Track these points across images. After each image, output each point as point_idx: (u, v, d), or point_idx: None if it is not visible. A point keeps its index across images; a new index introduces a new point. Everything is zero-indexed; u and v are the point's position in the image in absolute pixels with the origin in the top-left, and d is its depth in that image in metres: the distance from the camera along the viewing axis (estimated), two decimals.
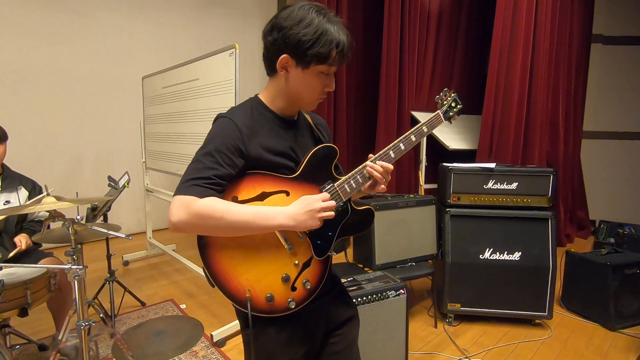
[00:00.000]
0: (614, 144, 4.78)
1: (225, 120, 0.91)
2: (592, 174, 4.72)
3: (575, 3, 4.03)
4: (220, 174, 0.86)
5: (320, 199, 0.91)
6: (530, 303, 2.28)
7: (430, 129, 1.11)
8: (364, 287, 1.75)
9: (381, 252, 2.26)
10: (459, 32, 4.46)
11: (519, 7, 3.35)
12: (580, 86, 4.47)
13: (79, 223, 1.46)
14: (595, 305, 2.41)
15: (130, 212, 4.30)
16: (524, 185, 2.33)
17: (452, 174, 2.36)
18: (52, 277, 1.74)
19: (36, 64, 3.56)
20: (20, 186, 2.03)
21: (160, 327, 1.61)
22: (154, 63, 3.80)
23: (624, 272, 2.33)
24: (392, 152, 1.02)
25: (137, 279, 3.07)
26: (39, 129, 3.64)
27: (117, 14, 3.99)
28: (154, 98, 3.30)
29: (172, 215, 0.82)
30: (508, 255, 2.29)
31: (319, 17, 0.87)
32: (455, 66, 4.53)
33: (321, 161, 0.99)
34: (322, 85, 0.94)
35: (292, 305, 0.92)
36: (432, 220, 2.42)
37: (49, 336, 2.11)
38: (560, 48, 3.84)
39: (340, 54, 0.90)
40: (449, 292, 2.31)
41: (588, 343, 2.20)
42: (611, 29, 4.65)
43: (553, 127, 3.91)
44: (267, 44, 0.92)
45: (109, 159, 4.10)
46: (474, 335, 2.26)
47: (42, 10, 3.56)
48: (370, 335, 1.70)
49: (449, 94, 1.19)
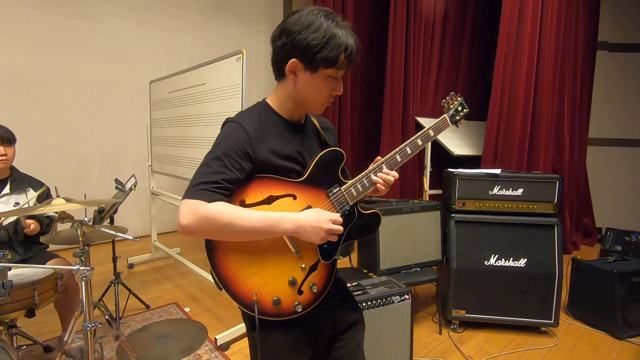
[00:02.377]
0: (620, 151, 4.75)
1: (233, 124, 0.92)
2: (598, 181, 4.69)
3: (581, 10, 4.03)
4: (229, 178, 0.86)
5: (331, 220, 0.91)
6: (536, 310, 2.26)
7: (436, 133, 1.10)
8: (369, 292, 1.75)
9: (386, 257, 2.26)
10: (463, 38, 4.48)
11: (524, 14, 3.36)
12: (586, 93, 4.46)
13: (88, 225, 1.48)
14: (602, 313, 2.38)
15: (135, 214, 4.32)
16: (530, 192, 2.32)
17: (457, 180, 2.35)
18: (59, 278, 1.75)
19: (44, 69, 3.62)
20: (29, 188, 2.06)
21: (164, 330, 1.61)
22: (161, 68, 3.85)
23: (631, 280, 2.31)
24: (398, 155, 1.03)
25: (142, 281, 3.08)
26: (47, 133, 3.68)
27: (125, 20, 4.06)
28: (160, 102, 3.33)
29: (181, 218, 0.83)
30: (513, 261, 2.28)
31: (328, 22, 0.88)
32: (460, 72, 4.54)
33: (328, 165, 0.99)
34: (330, 89, 0.95)
35: (299, 309, 0.93)
36: (437, 226, 2.41)
37: (54, 337, 2.13)
38: (566, 55, 3.84)
39: (348, 58, 0.91)
40: (454, 298, 2.30)
41: (595, 352, 2.17)
42: (616, 35, 4.65)
43: (558, 134, 3.89)
44: (275, 48, 0.93)
45: (115, 162, 4.14)
46: (479, 342, 2.24)
47: (51, 15, 3.62)
48: (374, 340, 1.70)
49: (455, 98, 1.19)
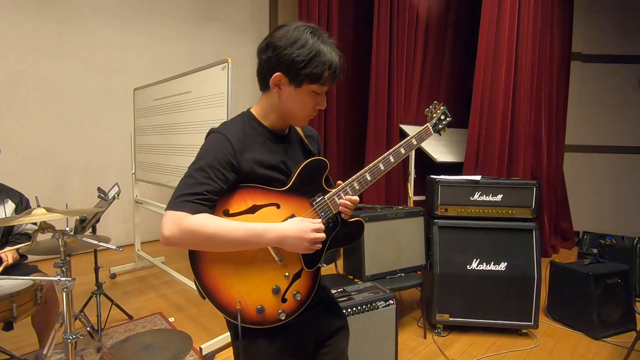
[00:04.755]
0: (597, 157, 4.94)
1: (217, 135, 0.94)
2: (577, 186, 4.86)
3: (555, 23, 4.22)
4: (212, 190, 0.87)
5: (314, 229, 0.92)
6: (517, 313, 2.32)
7: (419, 142, 1.13)
8: (354, 297, 1.77)
9: (371, 263, 2.28)
10: (445, 48, 4.61)
11: (501, 26, 3.49)
12: (562, 101, 4.64)
13: (69, 235, 1.46)
14: (579, 314, 2.46)
15: (119, 223, 4.24)
16: (509, 197, 2.40)
17: (440, 186, 2.41)
18: (38, 290, 1.71)
19: (25, 76, 3.55)
20: (7, 199, 2.01)
21: (148, 340, 1.59)
22: (145, 75, 3.82)
23: (606, 282, 2.40)
24: (381, 164, 1.05)
25: (125, 292, 3.02)
26: (28, 141, 3.60)
27: (108, 27, 4.02)
28: (145, 110, 3.31)
29: (164, 230, 0.84)
30: (494, 265, 2.34)
31: (313, 39, 0.90)
32: (442, 81, 4.66)
33: (311, 174, 1.01)
34: (314, 104, 0.97)
35: (283, 317, 0.94)
36: (421, 232, 2.46)
37: (32, 352, 2.06)
38: (542, 65, 4.00)
39: (332, 75, 0.93)
40: (438, 302, 2.34)
41: (573, 352, 2.24)
42: (589, 47, 4.87)
43: (536, 141, 4.03)
44: (261, 61, 0.95)
45: (98, 171, 4.07)
46: (463, 345, 2.28)
47: (32, 22, 3.56)
48: (360, 345, 1.72)
49: (439, 107, 1.21)
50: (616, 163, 4.89)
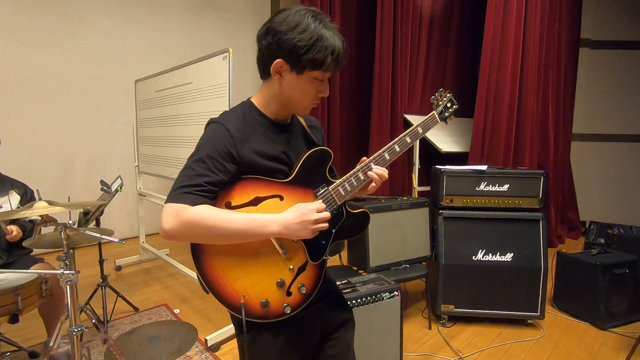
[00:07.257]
0: (604, 145, 4.86)
1: (216, 125, 0.91)
2: (584, 176, 4.79)
3: (564, 8, 4.10)
4: (212, 181, 0.85)
5: (315, 210, 0.90)
6: (523, 303, 2.30)
7: (425, 130, 1.09)
8: (359, 289, 1.76)
9: (375, 255, 2.27)
10: (450, 36, 4.52)
11: (508, 13, 3.40)
12: (569, 89, 4.55)
13: (72, 228, 1.45)
14: (586, 305, 2.44)
15: (123, 216, 4.26)
16: (515, 187, 2.36)
17: (445, 177, 2.38)
18: (43, 283, 1.72)
19: (26, 68, 3.52)
20: (12, 190, 2.01)
21: (153, 332, 1.59)
22: (147, 66, 3.78)
23: (613, 272, 2.37)
24: (387, 154, 1.02)
25: (130, 284, 3.04)
26: (30, 133, 3.59)
27: (109, 17, 3.97)
28: (146, 102, 3.28)
29: (164, 223, 0.82)
30: (500, 256, 2.31)
31: (315, 23, 0.87)
32: (447, 70, 4.58)
33: (315, 165, 0.98)
34: (316, 91, 0.94)
35: (288, 311, 0.92)
36: (426, 222, 2.44)
37: (39, 343, 2.08)
38: (549, 52, 3.91)
39: (335, 61, 0.90)
40: (443, 293, 2.33)
41: (579, 342, 2.23)
42: (598, 33, 4.75)
43: (543, 130, 3.97)
44: (261, 47, 0.92)
45: (101, 163, 4.07)
46: (468, 336, 2.27)
47: (32, 13, 3.52)
48: (365, 337, 1.71)
49: (445, 94, 1.17)
50: (624, 152, 4.80)
